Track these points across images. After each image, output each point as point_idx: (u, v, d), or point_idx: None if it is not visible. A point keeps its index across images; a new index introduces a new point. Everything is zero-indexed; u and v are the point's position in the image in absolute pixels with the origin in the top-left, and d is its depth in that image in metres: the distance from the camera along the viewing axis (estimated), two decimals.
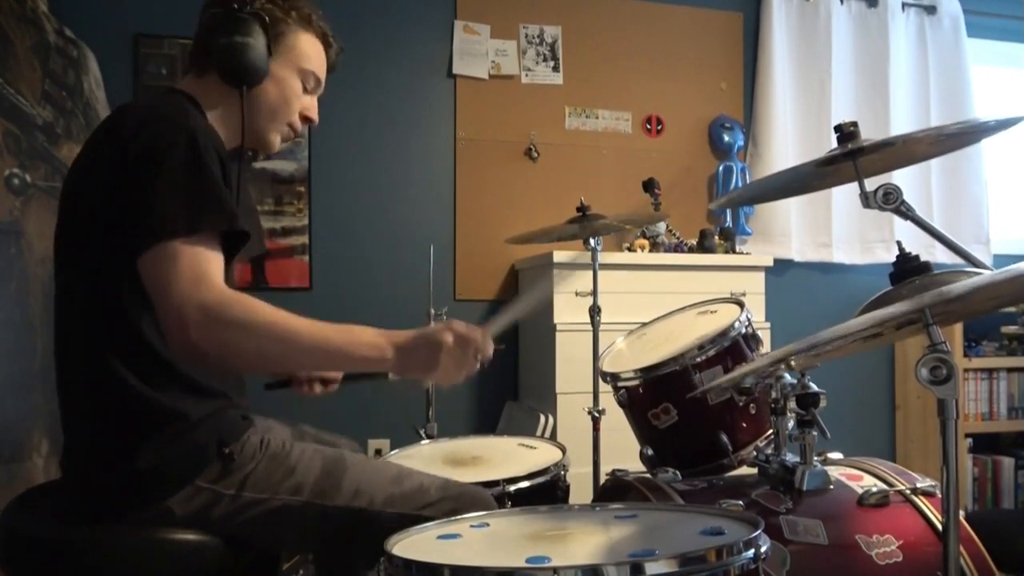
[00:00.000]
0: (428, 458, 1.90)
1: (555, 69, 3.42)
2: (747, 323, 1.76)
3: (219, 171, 1.22)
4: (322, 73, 1.48)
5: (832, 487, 1.46)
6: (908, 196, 1.32)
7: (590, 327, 2.35)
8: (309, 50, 1.44)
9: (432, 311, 2.44)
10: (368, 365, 1.23)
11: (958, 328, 3.44)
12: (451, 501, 1.31)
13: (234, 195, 1.29)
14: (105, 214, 1.21)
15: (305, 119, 1.48)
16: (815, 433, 1.47)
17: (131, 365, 1.21)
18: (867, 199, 1.31)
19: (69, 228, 1.28)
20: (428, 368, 1.24)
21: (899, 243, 1.35)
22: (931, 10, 3.86)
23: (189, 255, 1.15)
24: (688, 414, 1.71)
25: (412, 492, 1.32)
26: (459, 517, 1.21)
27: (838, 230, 3.67)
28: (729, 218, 3.53)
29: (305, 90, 1.46)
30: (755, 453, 1.68)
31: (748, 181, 3.52)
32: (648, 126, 3.53)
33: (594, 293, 2.36)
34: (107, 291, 1.22)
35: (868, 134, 1.35)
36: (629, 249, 3.15)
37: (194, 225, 1.16)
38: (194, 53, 1.41)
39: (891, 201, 1.30)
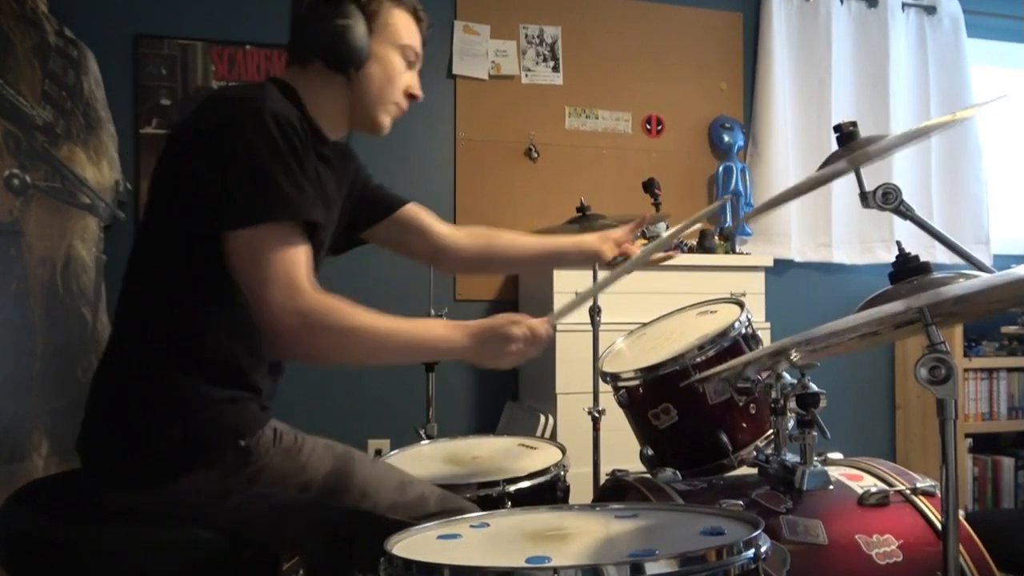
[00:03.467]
0: (428, 458, 1.90)
1: (555, 69, 3.42)
2: (747, 323, 1.76)
3: (297, 158, 1.23)
4: (419, 47, 1.48)
5: (832, 487, 1.46)
6: (908, 196, 1.32)
7: (590, 327, 2.35)
8: (404, 25, 1.44)
9: (432, 311, 2.44)
10: (444, 356, 1.34)
11: (958, 328, 3.43)
12: (449, 515, 1.31)
13: (316, 184, 1.31)
14: (167, 201, 1.25)
15: (411, 96, 1.48)
16: (815, 433, 1.47)
17: (162, 349, 1.24)
18: (866, 199, 1.31)
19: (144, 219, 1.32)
20: (495, 358, 1.33)
21: (899, 243, 1.35)
22: (931, 10, 3.86)
23: (279, 255, 1.19)
24: (688, 414, 1.71)
25: (414, 501, 1.33)
26: (459, 517, 1.21)
27: (838, 230, 3.67)
28: (729, 218, 3.53)
29: (407, 66, 1.46)
30: (755, 453, 1.68)
31: (748, 181, 3.53)
32: (648, 126, 3.53)
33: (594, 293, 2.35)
34: (153, 275, 1.26)
35: (868, 134, 1.35)
36: None
37: (274, 214, 1.19)
38: (293, 45, 1.41)
39: (890, 201, 1.30)
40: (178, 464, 1.22)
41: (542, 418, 2.84)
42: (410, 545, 1.06)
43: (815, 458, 1.49)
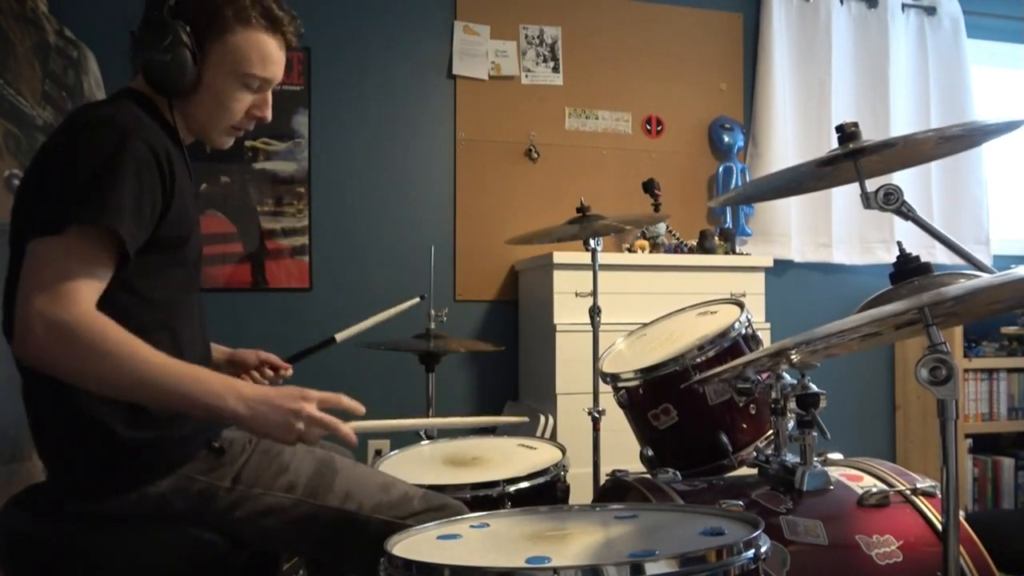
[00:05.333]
0: (428, 458, 1.90)
1: (555, 70, 3.42)
2: (747, 324, 1.76)
3: (149, 178, 1.20)
4: (269, 71, 1.36)
5: (832, 487, 1.46)
6: (908, 197, 1.32)
7: (590, 328, 2.35)
8: (250, 50, 1.33)
9: (432, 312, 2.44)
10: (210, 413, 1.15)
11: (958, 328, 3.43)
12: (433, 513, 1.31)
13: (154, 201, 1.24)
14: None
15: (253, 117, 1.40)
16: (815, 433, 1.47)
17: None
18: (868, 200, 1.31)
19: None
20: (276, 432, 1.17)
21: (900, 243, 1.35)
22: (931, 11, 3.86)
23: (58, 263, 1.11)
24: (688, 415, 1.71)
25: (398, 501, 1.33)
26: (459, 517, 1.21)
27: (838, 230, 3.67)
28: (729, 219, 3.53)
29: (250, 89, 1.37)
30: (755, 454, 1.68)
31: (748, 182, 3.52)
32: (648, 127, 3.53)
33: (594, 294, 2.36)
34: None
35: (868, 135, 1.35)
36: (629, 250, 3.15)
37: (82, 219, 1.13)
38: (132, 54, 1.38)
39: (892, 202, 1.30)
40: (155, 466, 1.22)
41: (542, 418, 2.84)
42: (410, 545, 1.06)
43: (815, 458, 1.49)
